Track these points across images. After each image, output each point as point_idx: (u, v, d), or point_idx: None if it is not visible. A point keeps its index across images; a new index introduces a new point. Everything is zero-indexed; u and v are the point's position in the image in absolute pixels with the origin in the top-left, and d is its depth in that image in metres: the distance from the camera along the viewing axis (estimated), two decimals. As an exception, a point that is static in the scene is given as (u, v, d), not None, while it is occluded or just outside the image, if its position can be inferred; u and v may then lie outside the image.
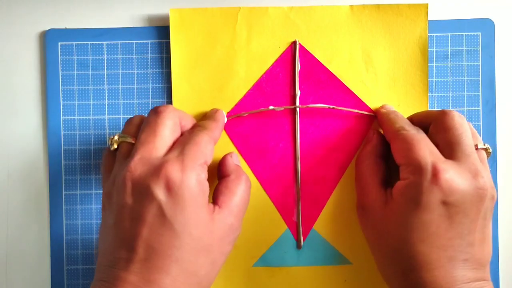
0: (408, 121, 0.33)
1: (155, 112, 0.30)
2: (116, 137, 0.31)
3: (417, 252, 0.28)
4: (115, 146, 0.31)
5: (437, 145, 0.30)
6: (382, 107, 0.35)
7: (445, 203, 0.28)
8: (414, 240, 0.28)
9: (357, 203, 0.34)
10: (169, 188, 0.27)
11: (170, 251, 0.27)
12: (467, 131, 0.30)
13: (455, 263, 0.28)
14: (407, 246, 0.28)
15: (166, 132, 0.29)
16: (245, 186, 0.31)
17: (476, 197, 0.28)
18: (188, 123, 0.32)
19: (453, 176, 0.28)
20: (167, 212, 0.27)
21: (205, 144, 0.29)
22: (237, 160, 0.34)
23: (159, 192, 0.27)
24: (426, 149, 0.29)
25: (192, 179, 0.27)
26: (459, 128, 0.30)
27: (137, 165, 0.28)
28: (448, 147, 0.30)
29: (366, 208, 0.32)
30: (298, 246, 0.36)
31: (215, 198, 0.30)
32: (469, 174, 0.28)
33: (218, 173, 0.33)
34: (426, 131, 0.31)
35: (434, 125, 0.31)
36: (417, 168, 0.28)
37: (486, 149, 0.31)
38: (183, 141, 0.29)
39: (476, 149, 0.30)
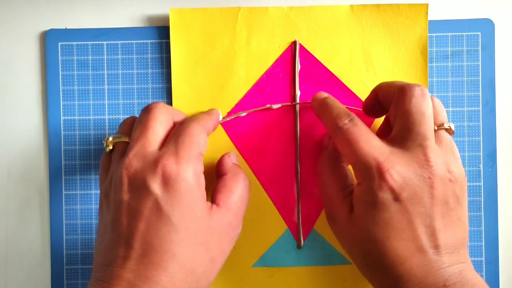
0: (340, 112, 0.31)
1: (146, 109, 0.30)
2: (110, 138, 0.31)
3: (387, 249, 0.28)
4: (111, 147, 0.31)
5: (392, 127, 0.30)
6: (313, 98, 0.34)
7: (398, 199, 0.28)
8: (381, 238, 0.28)
9: (325, 212, 0.33)
10: (165, 182, 0.27)
11: (167, 246, 0.26)
12: (423, 116, 0.28)
13: (425, 250, 0.28)
14: (377, 246, 0.28)
15: (158, 126, 0.29)
16: (243, 184, 0.31)
17: (425, 186, 0.28)
18: (180, 119, 0.32)
19: (399, 170, 0.28)
20: (163, 206, 0.27)
21: (198, 134, 0.29)
22: (235, 159, 0.33)
23: (155, 186, 0.27)
24: (366, 148, 0.28)
25: (188, 171, 0.27)
26: (415, 113, 0.29)
27: (132, 161, 0.28)
28: (401, 133, 0.29)
29: (333, 217, 0.32)
30: (298, 246, 0.36)
31: (213, 197, 0.30)
32: (414, 164, 0.28)
33: (216, 173, 0.33)
34: (389, 106, 0.31)
35: (393, 106, 0.30)
36: (364, 171, 0.28)
37: (448, 129, 0.30)
38: (175, 133, 0.29)
39: (441, 129, 0.30)
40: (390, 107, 0.30)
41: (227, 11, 0.36)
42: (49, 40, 0.37)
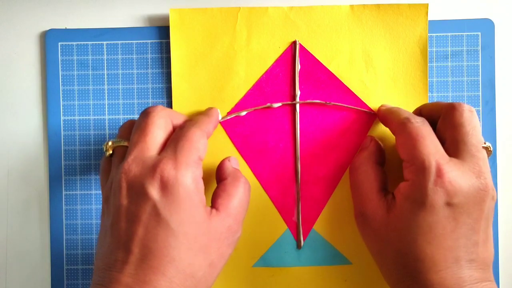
0: (412, 114, 0.32)
1: (145, 113, 0.30)
2: (110, 143, 0.31)
3: (425, 254, 0.28)
4: (110, 151, 0.31)
5: (444, 141, 0.30)
6: (382, 105, 0.35)
7: (449, 204, 0.28)
8: (421, 242, 0.28)
9: (356, 211, 0.33)
10: (164, 187, 0.27)
11: (166, 251, 0.26)
12: (475, 128, 0.29)
13: (461, 263, 0.28)
14: (414, 248, 0.28)
15: (157, 131, 0.29)
16: (244, 189, 0.31)
17: (478, 198, 0.28)
18: (180, 121, 0.32)
19: (456, 177, 0.28)
20: (162, 211, 0.27)
21: (198, 138, 0.29)
22: (235, 164, 0.33)
23: (154, 191, 0.27)
24: (431, 147, 0.29)
25: (187, 176, 0.27)
26: (467, 126, 0.29)
27: (131, 166, 0.28)
28: (454, 145, 0.29)
29: (366, 216, 0.31)
30: (298, 246, 0.36)
31: (213, 202, 0.30)
32: (472, 174, 0.28)
33: (216, 177, 0.33)
34: (434, 123, 0.31)
35: (442, 120, 0.31)
36: (421, 168, 0.28)
37: (487, 148, 0.31)
38: (175, 138, 0.29)
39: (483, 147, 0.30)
40: (438, 123, 0.31)
41: (227, 11, 0.36)
42: (49, 40, 0.37)
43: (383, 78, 0.36)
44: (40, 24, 0.37)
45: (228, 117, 0.36)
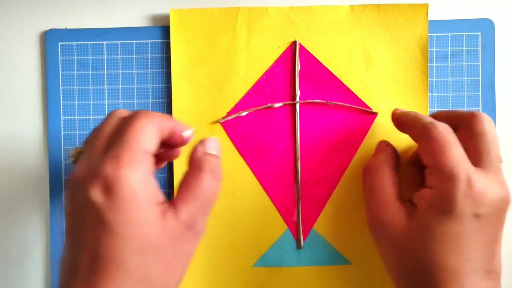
0: (433, 119, 0.30)
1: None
2: (73, 150, 0.30)
3: (448, 264, 0.27)
4: (73, 159, 0.30)
5: (465, 151, 0.29)
6: (396, 109, 0.33)
7: (476, 215, 0.27)
8: (444, 251, 0.27)
9: (370, 217, 0.31)
10: (106, 188, 0.25)
11: (112, 255, 0.25)
12: (495, 138, 0.29)
13: (481, 274, 0.27)
14: (437, 258, 0.27)
15: (107, 128, 0.27)
16: (206, 181, 0.27)
17: (500, 209, 0.28)
18: (128, 113, 0.29)
19: (484, 187, 0.27)
20: (105, 214, 0.25)
21: (142, 129, 0.26)
22: (212, 147, 0.28)
23: (96, 195, 0.25)
24: (459, 155, 0.28)
25: (130, 175, 0.25)
26: (489, 135, 0.29)
27: (78, 170, 0.26)
28: (477, 154, 0.29)
29: (384, 223, 0.30)
30: (298, 246, 0.36)
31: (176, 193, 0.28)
32: (496, 185, 0.28)
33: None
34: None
35: (463, 129, 0.30)
36: (449, 176, 0.27)
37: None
38: (117, 131, 0.27)
39: None
40: (457, 132, 0.30)
41: (227, 11, 0.36)
42: (49, 40, 0.37)
43: (383, 78, 0.36)
44: (40, 24, 0.37)
45: (229, 118, 0.36)
